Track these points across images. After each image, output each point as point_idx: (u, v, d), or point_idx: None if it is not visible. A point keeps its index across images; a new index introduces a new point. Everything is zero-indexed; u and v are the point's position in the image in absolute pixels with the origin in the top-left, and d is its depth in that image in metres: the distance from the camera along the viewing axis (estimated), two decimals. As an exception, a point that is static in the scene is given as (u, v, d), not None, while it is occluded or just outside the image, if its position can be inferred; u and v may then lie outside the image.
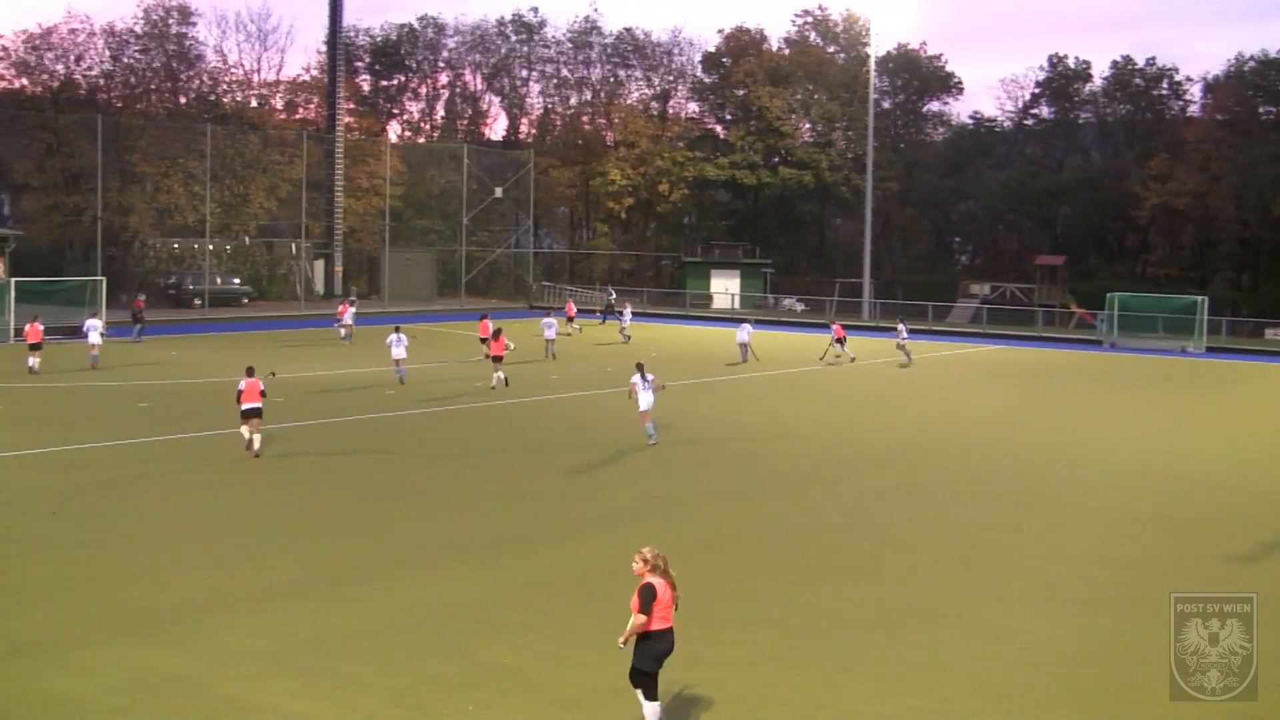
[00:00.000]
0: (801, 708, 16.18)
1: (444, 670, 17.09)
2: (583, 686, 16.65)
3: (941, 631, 19.28)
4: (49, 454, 32.88)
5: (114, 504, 26.98)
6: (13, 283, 63.80)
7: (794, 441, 37.45)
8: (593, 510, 27.38)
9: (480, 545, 23.92)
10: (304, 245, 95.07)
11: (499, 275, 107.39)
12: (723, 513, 27.43)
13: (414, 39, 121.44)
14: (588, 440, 36.81)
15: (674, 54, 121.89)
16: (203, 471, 30.94)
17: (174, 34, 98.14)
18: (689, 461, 33.89)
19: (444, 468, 32.30)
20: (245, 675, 16.75)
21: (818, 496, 29.57)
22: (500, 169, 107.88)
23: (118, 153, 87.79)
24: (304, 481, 29.86)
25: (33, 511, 25.85)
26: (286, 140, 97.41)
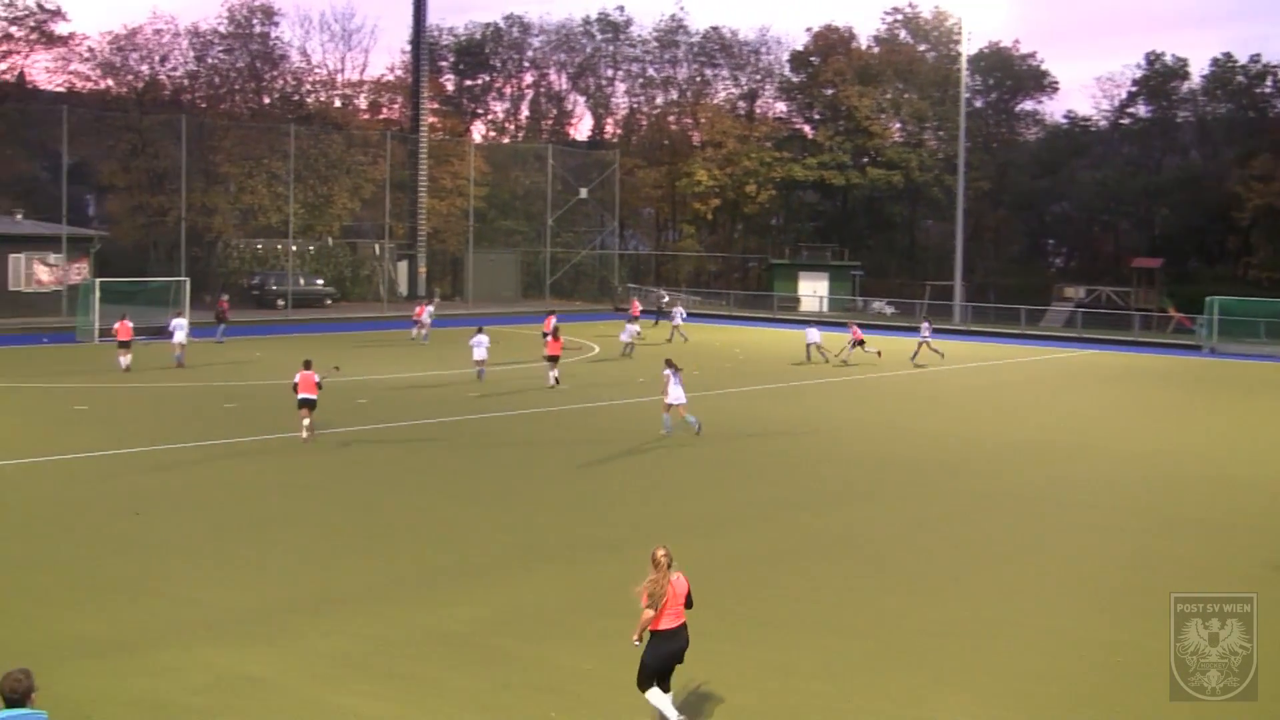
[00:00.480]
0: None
1: (524, 675, 17.15)
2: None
3: (1036, 643, 19.13)
4: (134, 454, 33.31)
5: (198, 505, 27.29)
6: (97, 283, 64.69)
7: (878, 446, 37.28)
8: (673, 515, 27.37)
9: (560, 549, 23.99)
10: (387, 246, 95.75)
11: (584, 277, 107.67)
12: (805, 518, 27.34)
13: (498, 38, 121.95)
14: (667, 444, 36.85)
15: (761, 53, 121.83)
16: (286, 474, 31.25)
17: (258, 34, 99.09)
18: (769, 466, 33.83)
19: (523, 470, 32.41)
20: (325, 678, 16.90)
21: (902, 503, 29.39)
22: (585, 169, 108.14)
23: (202, 153, 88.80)
24: (383, 483, 30.07)
25: (118, 511, 26.21)
26: (370, 140, 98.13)
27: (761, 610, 20.37)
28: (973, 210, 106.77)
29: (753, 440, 37.96)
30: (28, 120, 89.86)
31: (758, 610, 20.36)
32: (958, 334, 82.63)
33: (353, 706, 15.97)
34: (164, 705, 15.88)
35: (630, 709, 15.93)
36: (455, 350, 58.51)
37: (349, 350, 61.42)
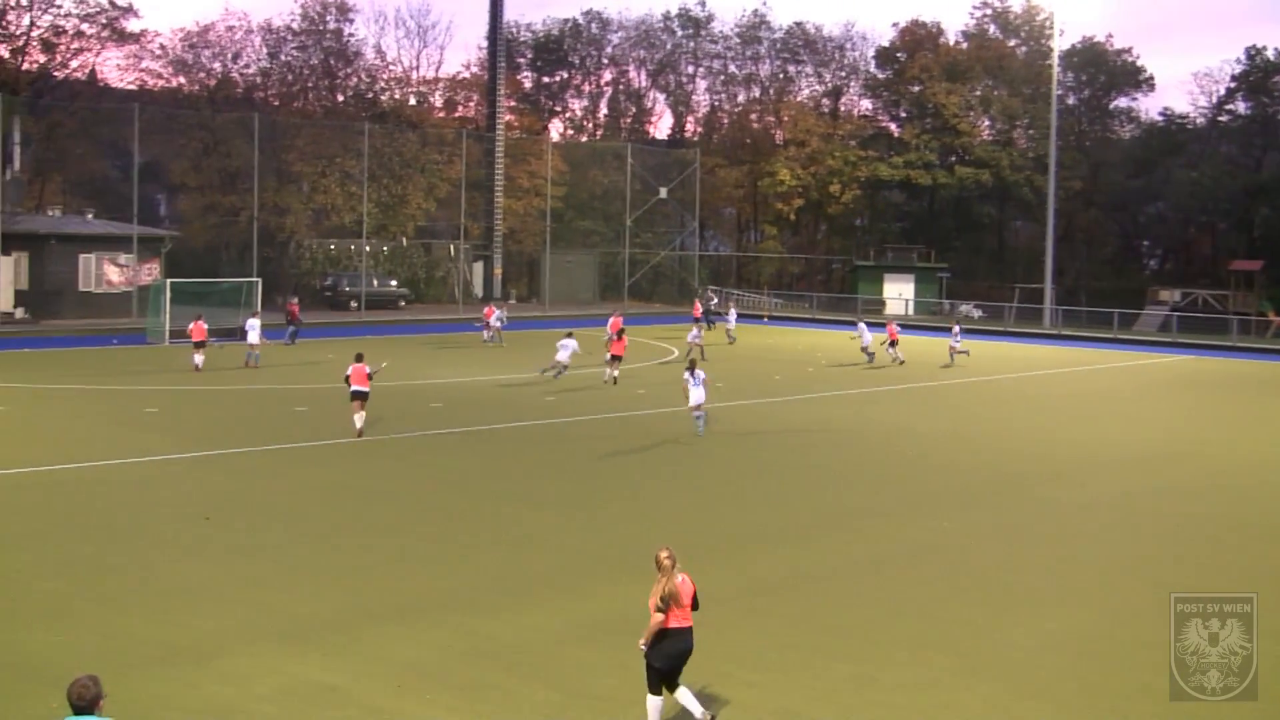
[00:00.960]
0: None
1: (604, 687, 17.11)
2: (749, 708, 16.55)
3: (1135, 657, 18.84)
4: (205, 458, 33.54)
5: (269, 510, 27.43)
6: (168, 284, 65.22)
7: (965, 453, 37.00)
8: (755, 525, 27.24)
9: (638, 559, 23.86)
10: (463, 247, 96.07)
11: (663, 279, 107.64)
12: (895, 527, 27.14)
13: (577, 34, 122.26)
14: (743, 451, 36.71)
15: (846, 49, 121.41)
16: (358, 479, 31.33)
17: (332, 30, 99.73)
18: (853, 473, 33.65)
19: (599, 475, 32.38)
20: (398, 687, 16.91)
21: (994, 512, 29.13)
22: (665, 169, 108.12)
23: (274, 152, 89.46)
24: (456, 489, 30.10)
25: (188, 516, 26.37)
26: (445, 139, 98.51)
27: (843, 621, 20.22)
28: (1064, 211, 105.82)
29: (837, 446, 37.75)
30: (99, 119, 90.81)
31: (840, 621, 20.21)
32: (1048, 338, 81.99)
33: (425, 716, 15.99)
34: (233, 712, 15.94)
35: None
36: (529, 353, 58.57)
37: (422, 352, 61.66)
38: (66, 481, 30.14)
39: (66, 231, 76.84)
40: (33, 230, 75.40)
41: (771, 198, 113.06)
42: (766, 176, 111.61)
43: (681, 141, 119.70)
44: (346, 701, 16.37)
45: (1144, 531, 27.58)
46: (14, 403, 42.37)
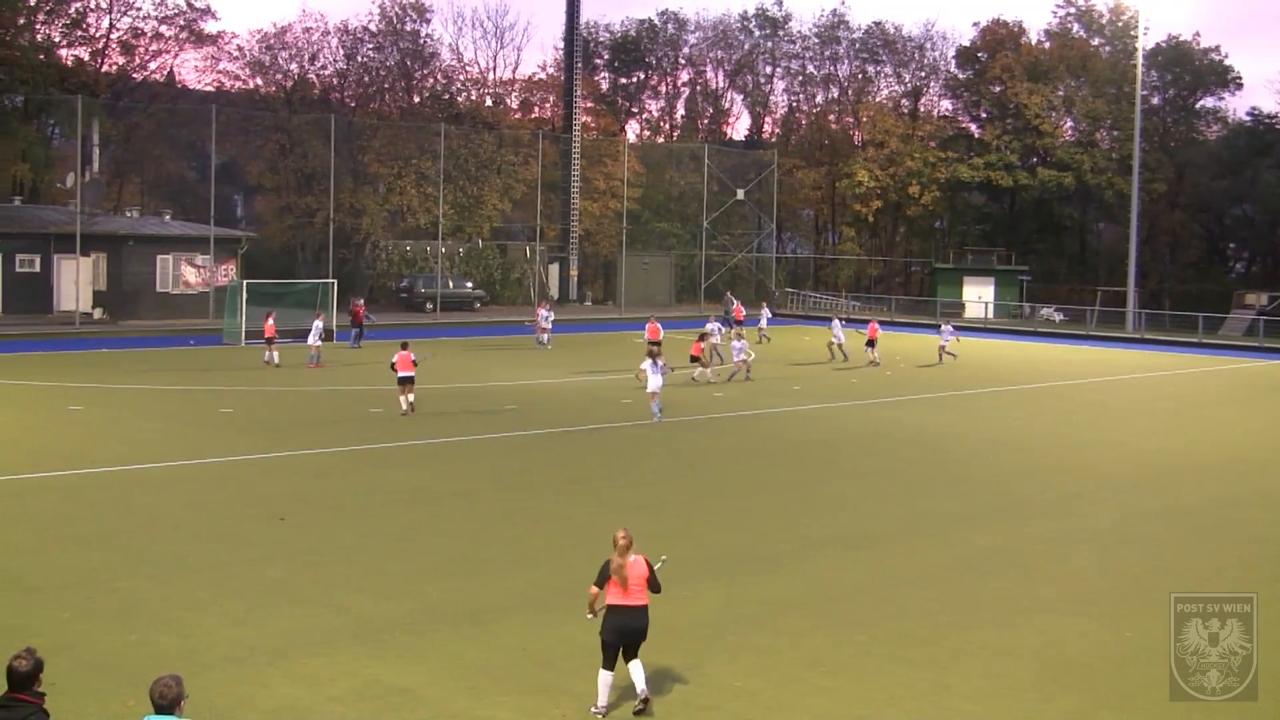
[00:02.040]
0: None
1: (678, 692, 17.11)
2: (824, 713, 16.52)
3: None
4: (280, 458, 33.82)
5: (344, 511, 27.63)
6: (245, 285, 65.79)
7: (1047, 457, 36.77)
8: (834, 528, 27.21)
9: (714, 563, 23.89)
10: (538, 248, 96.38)
11: (740, 280, 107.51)
12: (975, 533, 26.99)
13: (654, 35, 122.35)
14: (821, 456, 36.67)
15: (926, 49, 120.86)
16: (434, 480, 31.49)
17: (409, 31, 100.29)
18: (934, 477, 33.50)
19: (677, 480, 32.41)
20: (470, 689, 17.00)
21: (1076, 518, 28.91)
22: (742, 170, 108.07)
23: (351, 153, 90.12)
24: (532, 491, 30.20)
25: (263, 516, 26.60)
26: (522, 140, 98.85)
27: (920, 628, 20.14)
28: (1148, 213, 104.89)
29: (913, 450, 37.63)
30: (177, 120, 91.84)
31: (916, 628, 20.14)
32: (1130, 342, 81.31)
33: (496, 719, 16.03)
34: (307, 713, 16.08)
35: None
36: (603, 354, 58.58)
37: (496, 354, 61.90)
38: (143, 481, 30.48)
39: (144, 233, 77.73)
40: (111, 231, 76.36)
41: (850, 199, 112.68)
42: (845, 178, 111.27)
43: (759, 143, 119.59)
44: (419, 704, 16.47)
45: (1229, 538, 27.32)
46: (92, 402, 42.86)
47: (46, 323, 70.74)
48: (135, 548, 23.89)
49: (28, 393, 45.56)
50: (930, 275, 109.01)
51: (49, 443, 35.30)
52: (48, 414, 40.40)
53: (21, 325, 68.28)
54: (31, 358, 56.38)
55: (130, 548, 23.89)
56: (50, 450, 34.05)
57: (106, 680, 16.86)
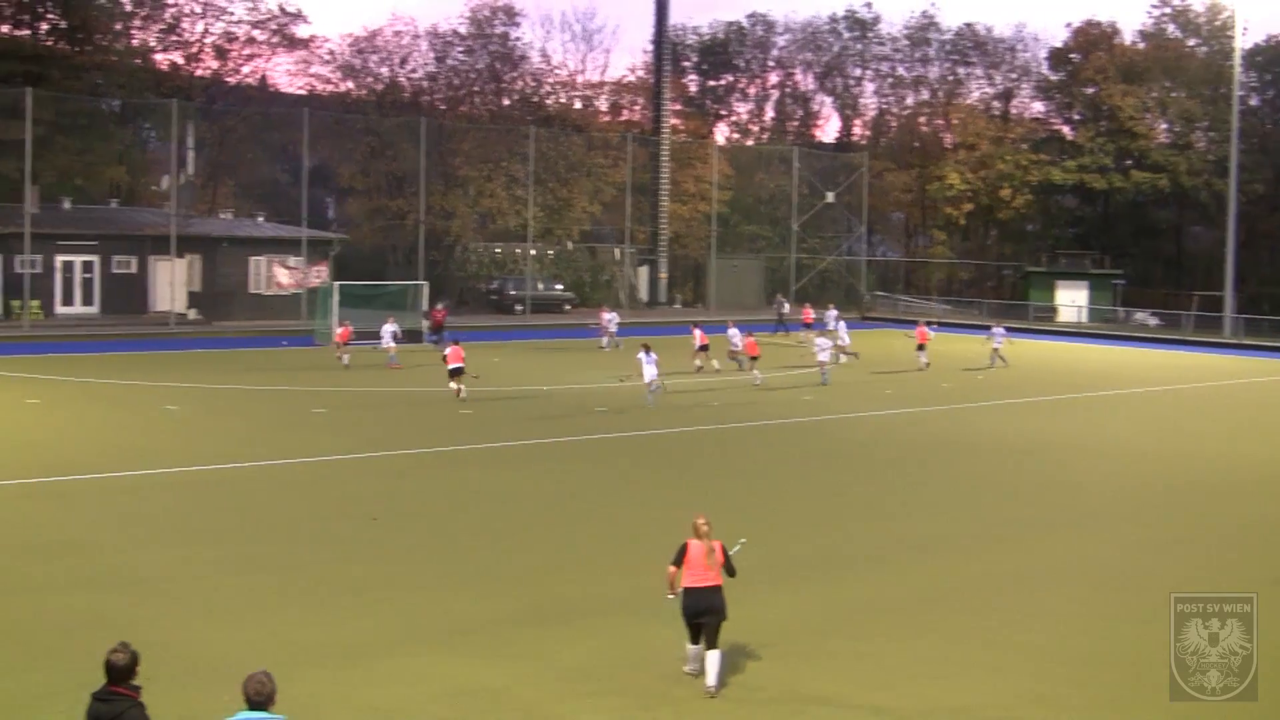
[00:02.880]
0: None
1: (767, 695, 17.10)
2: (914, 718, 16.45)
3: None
4: (371, 459, 34.07)
5: (435, 512, 27.79)
6: (336, 286, 66.22)
7: (1137, 464, 36.41)
8: (917, 532, 27.07)
9: (799, 566, 23.83)
10: (628, 251, 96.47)
11: (830, 284, 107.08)
12: (1061, 541, 26.77)
13: (743, 37, 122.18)
14: (906, 460, 36.50)
15: (1018, 50, 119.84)
16: (523, 481, 31.58)
17: (498, 34, 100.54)
18: (1024, 483, 33.27)
19: (768, 482, 32.34)
20: (561, 692, 17.05)
21: (1166, 526, 28.63)
22: (832, 173, 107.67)
23: (440, 156, 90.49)
24: (623, 493, 30.24)
25: (354, 516, 26.79)
26: (611, 143, 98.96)
27: (1015, 637, 20.03)
28: (1246, 216, 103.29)
29: (1002, 455, 37.36)
30: (269, 123, 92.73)
31: (1011, 637, 20.04)
32: (1228, 348, 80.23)
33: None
34: (396, 713, 16.19)
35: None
36: (684, 357, 58.49)
37: (585, 356, 62.00)
38: (238, 480, 30.80)
39: (238, 234, 78.53)
40: (205, 233, 77.23)
41: (940, 202, 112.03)
42: (935, 181, 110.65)
43: (849, 145, 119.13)
44: (509, 704, 16.53)
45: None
46: (187, 402, 43.34)
47: (142, 323, 71.60)
48: (229, 546, 24.13)
49: (124, 392, 46.13)
50: (1022, 279, 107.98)
51: (145, 442, 35.73)
52: (144, 413, 40.91)
53: (118, 325, 69.18)
54: (128, 357, 57.07)
55: (225, 545, 24.14)
56: (146, 449, 34.46)
57: (202, 676, 17.03)
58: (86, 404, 42.78)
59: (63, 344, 61.30)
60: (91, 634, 18.13)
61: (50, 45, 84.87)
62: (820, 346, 53.54)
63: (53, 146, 77.34)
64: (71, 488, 29.29)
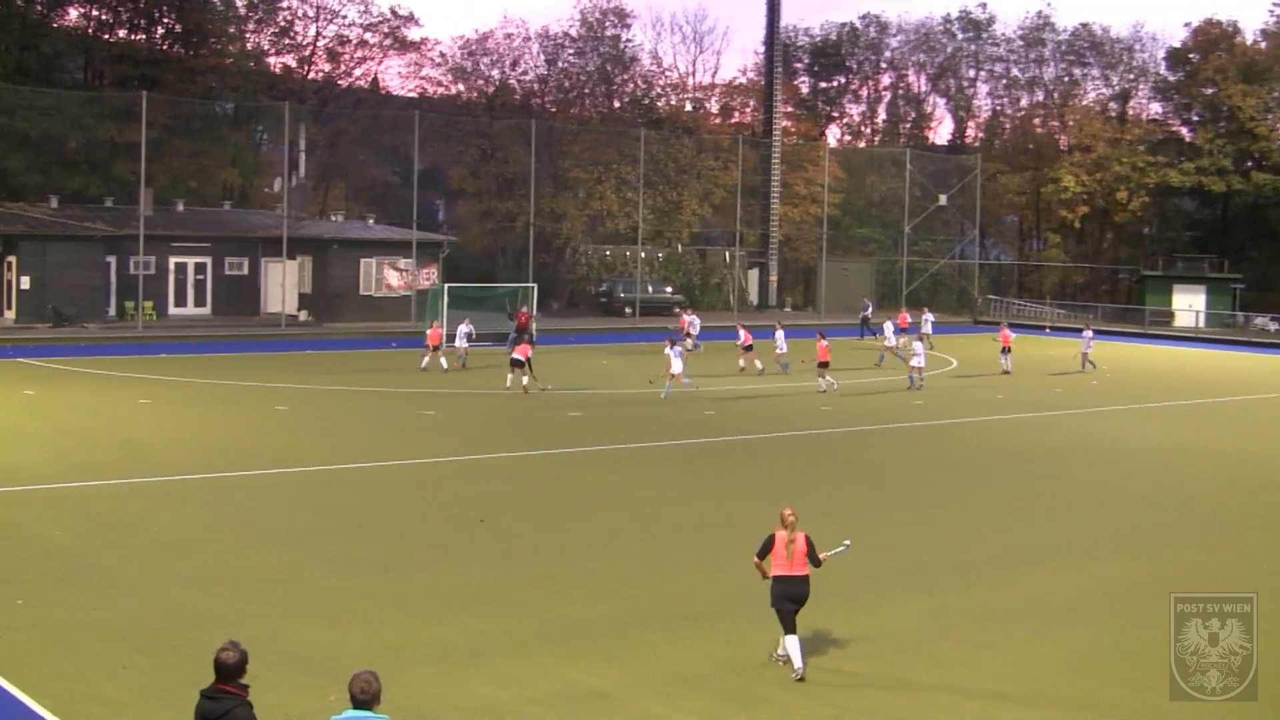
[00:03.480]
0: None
1: (872, 700, 17.03)
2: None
3: None
4: (480, 460, 34.23)
5: (544, 514, 27.83)
6: (446, 289, 66.58)
7: (1253, 473, 35.82)
8: (1040, 540, 26.77)
9: (912, 573, 23.65)
10: (738, 254, 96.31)
11: (942, 287, 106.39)
12: (1187, 552, 26.33)
13: (855, 39, 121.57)
14: (1023, 466, 36.15)
15: (1135, 50, 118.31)
16: (633, 484, 31.59)
17: (609, 36, 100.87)
18: (1139, 491, 32.86)
19: (871, 490, 32.15)
20: (665, 695, 17.04)
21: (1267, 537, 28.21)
22: (945, 175, 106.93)
23: (551, 158, 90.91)
24: (731, 497, 30.11)
25: (463, 518, 26.89)
26: (721, 145, 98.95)
27: (1131, 647, 19.70)
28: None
29: (1118, 462, 36.88)
30: (381, 126, 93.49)
31: (1128, 647, 19.73)
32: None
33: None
34: (503, 714, 16.22)
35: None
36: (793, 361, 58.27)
37: (694, 359, 61.93)
38: (345, 481, 31.02)
39: (348, 236, 79.13)
40: (316, 235, 77.94)
41: (1055, 205, 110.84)
42: (1050, 183, 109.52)
43: (962, 147, 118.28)
44: (615, 708, 16.51)
45: None
46: (297, 403, 43.75)
47: (253, 324, 72.46)
48: (336, 546, 24.31)
49: (235, 393, 46.64)
50: (1138, 283, 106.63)
51: (255, 442, 36.08)
52: (255, 414, 41.34)
53: (230, 327, 70.07)
54: (239, 358, 57.73)
55: (332, 546, 24.32)
56: (258, 449, 34.82)
57: (308, 675, 17.16)
58: (198, 404, 43.27)
59: (175, 345, 62.11)
60: (200, 632, 18.40)
61: (165, 49, 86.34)
62: (916, 352, 52.67)
63: (167, 149, 78.52)
64: (181, 487, 29.65)
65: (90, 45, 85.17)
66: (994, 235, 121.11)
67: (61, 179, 76.58)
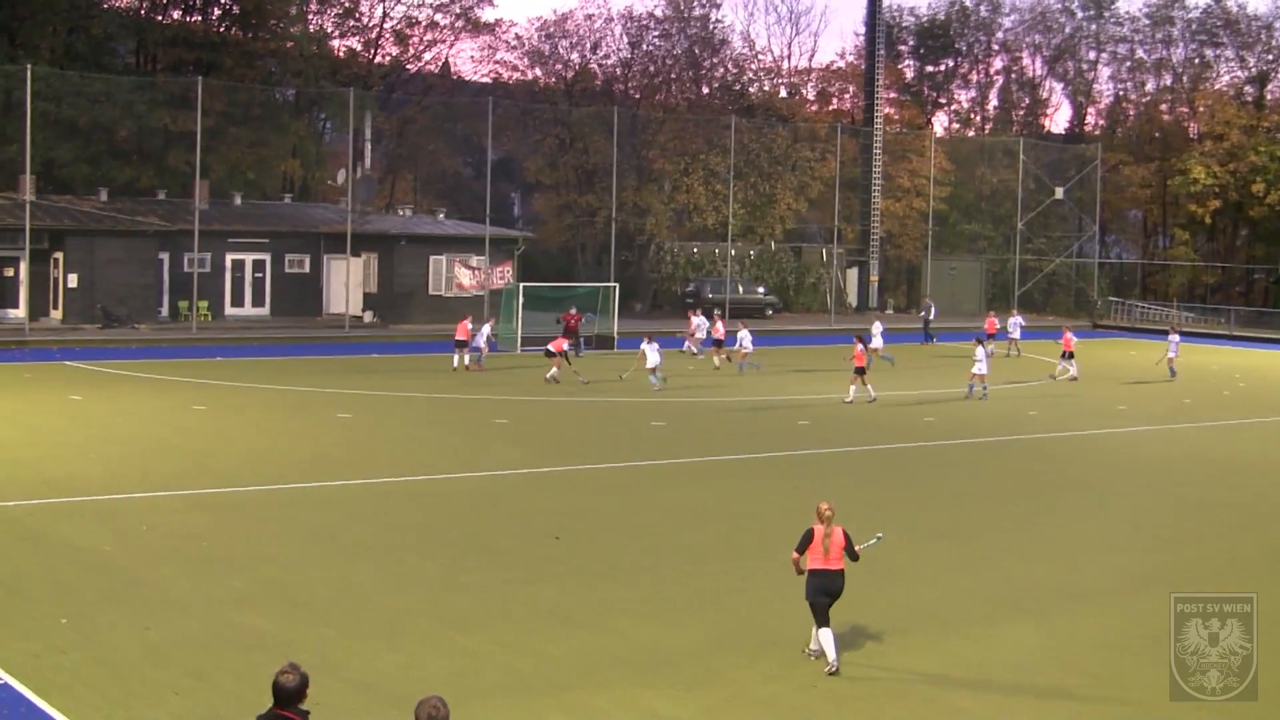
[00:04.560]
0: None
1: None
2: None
3: None
4: (555, 473, 34.32)
5: (622, 531, 27.88)
6: (521, 288, 66.76)
7: None
8: (1164, 563, 26.52)
9: (1024, 598, 23.51)
10: (836, 251, 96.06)
11: (1058, 288, 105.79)
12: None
13: (965, 19, 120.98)
14: (1144, 483, 35.98)
15: (1274, 29, 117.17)
16: (721, 499, 31.54)
17: (697, 17, 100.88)
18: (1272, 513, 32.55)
19: (978, 506, 31.99)
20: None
21: None
22: (1061, 166, 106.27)
23: (634, 148, 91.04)
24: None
25: (537, 534, 26.94)
26: (819, 134, 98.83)
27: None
28: None
29: (1262, 480, 36.49)
30: (452, 114, 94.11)
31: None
32: None
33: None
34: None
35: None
36: (899, 369, 58.06)
37: (788, 366, 61.82)
38: (413, 493, 31.21)
39: (417, 232, 79.61)
40: (383, 231, 78.41)
41: (1184, 199, 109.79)
42: (1178, 175, 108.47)
43: (1081, 136, 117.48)
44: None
45: None
46: (361, 410, 44.06)
47: (315, 326, 73.09)
48: (404, 563, 24.44)
49: (297, 398, 47.01)
50: (1276, 284, 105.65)
51: (318, 451, 36.36)
52: (316, 421, 41.66)
53: (291, 328, 70.67)
54: (300, 362, 58.21)
55: (399, 563, 24.44)
56: (318, 459, 35.11)
57: (372, 700, 17.29)
58: (255, 411, 43.67)
59: (231, 347, 62.73)
60: (256, 654, 18.55)
61: (222, 32, 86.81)
62: (978, 357, 51.66)
63: (224, 138, 79.12)
64: (237, 499, 29.90)
65: (142, 27, 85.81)
66: (1115, 232, 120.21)
67: (111, 170, 77.46)
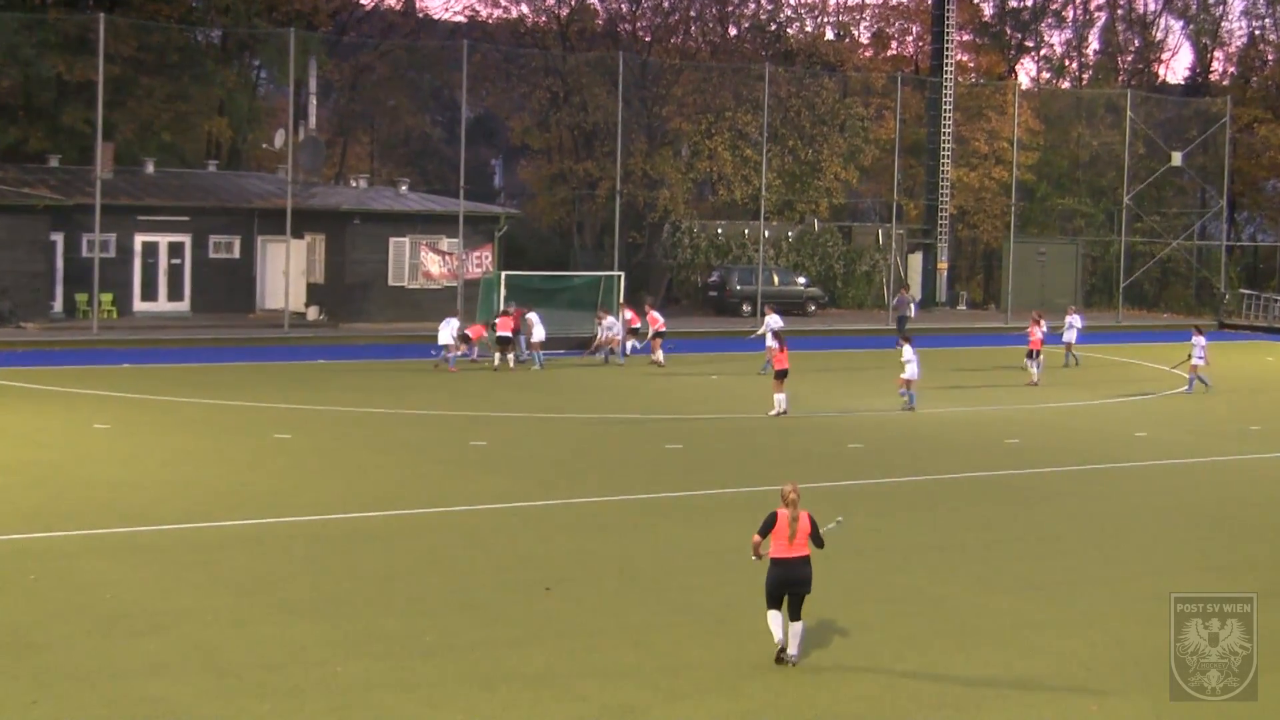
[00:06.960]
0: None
1: None
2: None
3: None
4: (546, 508, 34.29)
5: (629, 579, 27.75)
6: (503, 277, 66.15)
7: None
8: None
9: (1141, 667, 23.44)
10: (895, 232, 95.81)
11: (1174, 277, 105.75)
12: None
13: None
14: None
15: None
16: (747, 543, 31.48)
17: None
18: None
19: (1086, 551, 31.94)
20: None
21: None
22: (1180, 126, 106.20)
23: (645, 104, 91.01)
24: (886, 561, 30.03)
25: (524, 584, 26.83)
26: (874, 87, 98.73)
27: None
28: None
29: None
30: (417, 60, 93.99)
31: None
32: None
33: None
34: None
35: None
36: (966, 376, 57.99)
37: (837, 373, 61.84)
38: (370, 534, 31.16)
39: (374, 208, 79.47)
40: (332, 206, 78.22)
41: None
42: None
43: (1205, 87, 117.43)
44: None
45: None
46: (304, 430, 44.09)
47: (247, 325, 73.22)
48: (356, 620, 24.37)
49: (223, 415, 47.03)
50: None
51: (248, 481, 36.35)
52: (249, 444, 41.69)
53: (216, 328, 70.72)
54: (228, 369, 58.34)
55: (352, 620, 24.37)
56: (249, 490, 35.09)
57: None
58: (172, 431, 43.68)
59: (142, 351, 62.83)
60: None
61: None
62: (906, 358, 51.09)
63: (133, 90, 79.03)
64: (150, 541, 29.85)
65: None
66: (1249, 208, 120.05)
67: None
